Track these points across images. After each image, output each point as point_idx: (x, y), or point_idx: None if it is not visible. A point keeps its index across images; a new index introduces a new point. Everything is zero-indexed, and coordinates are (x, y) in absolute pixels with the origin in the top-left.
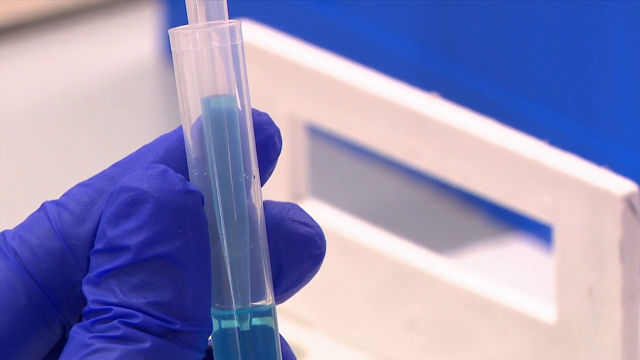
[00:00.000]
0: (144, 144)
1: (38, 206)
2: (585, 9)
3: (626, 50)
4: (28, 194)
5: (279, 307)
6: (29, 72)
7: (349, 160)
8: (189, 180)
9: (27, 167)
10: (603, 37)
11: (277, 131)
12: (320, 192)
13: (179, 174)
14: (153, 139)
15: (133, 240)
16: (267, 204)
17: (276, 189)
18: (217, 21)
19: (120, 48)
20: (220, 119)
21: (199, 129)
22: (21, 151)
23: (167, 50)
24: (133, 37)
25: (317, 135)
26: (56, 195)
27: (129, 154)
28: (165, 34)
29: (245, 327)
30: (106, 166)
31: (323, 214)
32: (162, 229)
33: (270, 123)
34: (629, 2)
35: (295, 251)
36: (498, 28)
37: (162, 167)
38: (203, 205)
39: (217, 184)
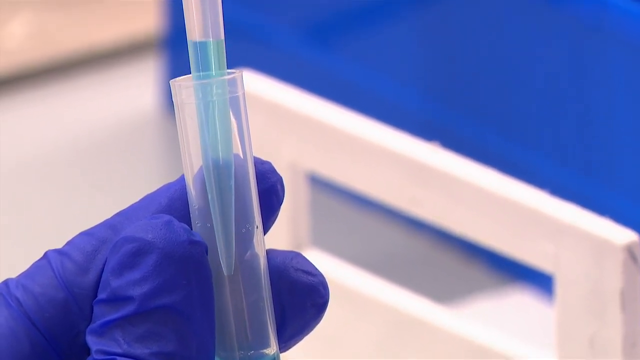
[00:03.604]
0: (146, 193)
1: (41, 254)
2: (588, 61)
3: (627, 102)
4: (31, 242)
5: (282, 356)
6: (31, 123)
7: (350, 210)
8: (192, 229)
9: (30, 215)
10: (604, 88)
11: (280, 180)
12: (322, 241)
13: (183, 224)
14: (155, 188)
15: (137, 291)
16: (270, 253)
17: (277, 237)
18: (219, 72)
19: (122, 98)
20: (222, 169)
21: (201, 179)
22: (24, 200)
23: (168, 101)
24: (135, 88)
25: (318, 184)
26: (59, 243)
27: (131, 203)
28: (166, 84)
29: None
30: (108, 215)
31: (324, 264)
32: (167, 280)
33: (273, 171)
34: (631, 54)
35: (299, 300)
36: (499, 78)
37: (167, 217)
38: (207, 255)
39: (220, 235)
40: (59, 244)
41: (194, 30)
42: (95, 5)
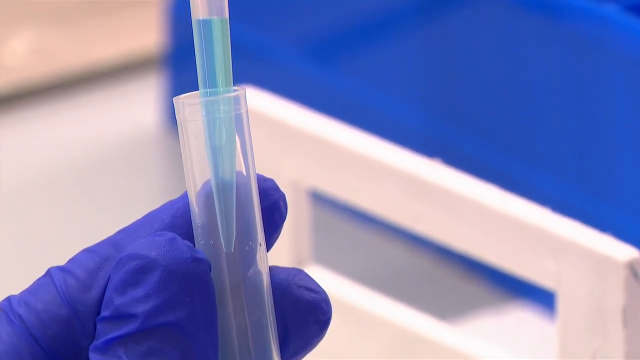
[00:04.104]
0: (148, 211)
1: (44, 271)
2: (589, 78)
3: (628, 118)
4: (34, 259)
5: None
6: (32, 140)
7: (352, 226)
8: (195, 247)
9: (33, 233)
10: (605, 105)
11: (283, 197)
12: (324, 258)
13: (186, 242)
14: (158, 205)
15: (140, 309)
16: (272, 270)
17: (279, 254)
18: (225, 89)
19: (123, 116)
20: (225, 187)
21: (204, 197)
22: (26, 217)
23: (171, 118)
24: (137, 105)
25: (320, 201)
26: (61, 261)
27: (134, 220)
28: (169, 101)
29: None
30: (111, 232)
31: (326, 280)
32: (170, 297)
33: (276, 189)
34: (632, 70)
35: (302, 317)
36: (500, 95)
37: (170, 234)
38: (210, 272)
39: (223, 253)
40: (62, 261)
41: (198, 8)
42: (97, 23)
